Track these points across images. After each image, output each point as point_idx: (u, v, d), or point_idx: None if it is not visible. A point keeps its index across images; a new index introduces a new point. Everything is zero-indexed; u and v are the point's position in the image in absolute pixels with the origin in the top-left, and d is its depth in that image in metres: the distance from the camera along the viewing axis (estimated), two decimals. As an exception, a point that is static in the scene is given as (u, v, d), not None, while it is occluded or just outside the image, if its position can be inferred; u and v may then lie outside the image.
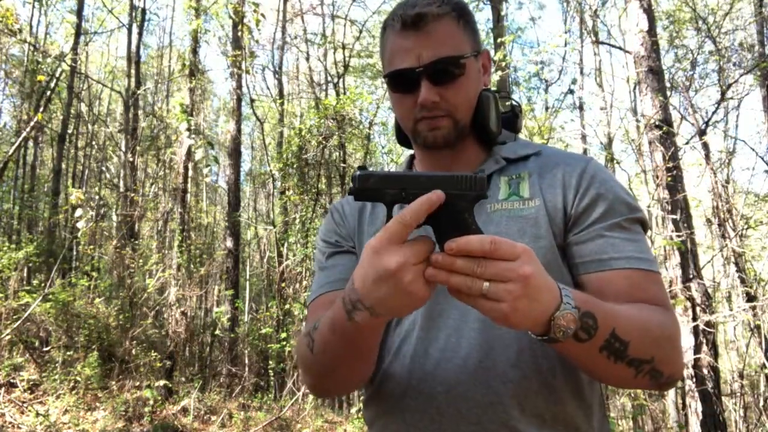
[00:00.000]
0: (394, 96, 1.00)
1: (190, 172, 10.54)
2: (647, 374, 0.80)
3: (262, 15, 7.78)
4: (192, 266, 9.10)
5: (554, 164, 0.99)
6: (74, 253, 10.84)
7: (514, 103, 1.12)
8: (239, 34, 8.62)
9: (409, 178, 0.73)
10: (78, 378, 6.11)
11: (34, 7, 12.95)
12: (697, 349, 4.84)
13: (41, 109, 9.97)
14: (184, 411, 6.59)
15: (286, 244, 9.68)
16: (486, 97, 1.02)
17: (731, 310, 7.56)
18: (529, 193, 0.96)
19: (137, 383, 6.45)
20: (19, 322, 6.09)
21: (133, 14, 11.19)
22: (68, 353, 6.53)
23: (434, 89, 0.94)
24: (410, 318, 0.96)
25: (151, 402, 6.13)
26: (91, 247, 8.43)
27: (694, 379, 4.77)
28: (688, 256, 4.96)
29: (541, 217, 0.93)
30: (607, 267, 0.88)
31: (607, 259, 0.89)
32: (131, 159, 9.76)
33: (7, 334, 6.01)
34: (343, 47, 11.53)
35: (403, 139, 1.13)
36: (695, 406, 4.77)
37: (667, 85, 5.94)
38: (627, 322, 0.78)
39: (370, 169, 0.75)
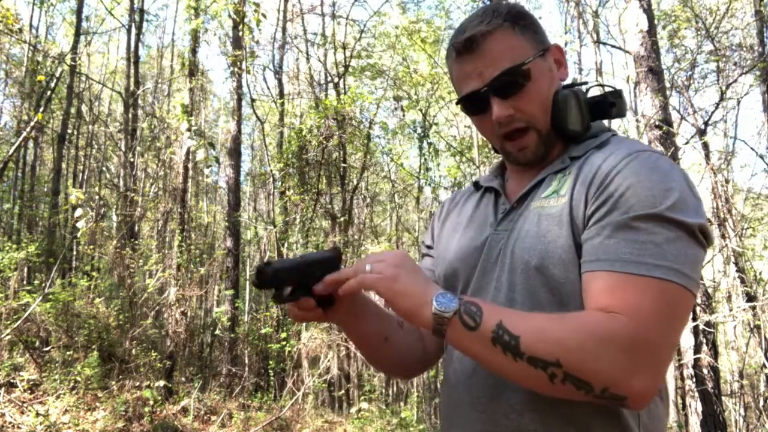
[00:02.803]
0: (473, 120, 1.03)
1: (190, 172, 10.55)
2: (565, 381, 0.76)
3: (263, 15, 7.79)
4: (192, 266, 9.10)
5: (597, 158, 0.94)
6: (74, 253, 10.85)
7: (609, 88, 1.05)
8: (240, 34, 8.62)
9: (297, 269, 0.91)
10: (78, 378, 6.10)
11: (35, 5, 12.96)
12: (697, 349, 4.85)
13: (41, 109, 9.97)
14: (184, 411, 6.59)
15: (286, 244, 9.69)
16: (562, 98, 0.98)
17: (731, 310, 7.56)
18: (565, 190, 0.93)
19: (137, 383, 6.44)
20: (19, 322, 6.09)
21: (133, 15, 11.19)
22: (68, 353, 6.52)
23: (505, 104, 0.94)
24: None
25: (151, 402, 6.12)
26: (91, 247, 8.42)
27: (694, 379, 4.78)
28: (688, 256, 4.95)
29: (564, 215, 0.90)
30: (588, 269, 0.84)
31: (592, 260, 0.84)
32: (131, 159, 9.76)
33: (7, 334, 6.01)
34: (344, 47, 11.54)
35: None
36: (695, 406, 4.78)
37: (667, 85, 5.94)
38: (520, 317, 0.80)
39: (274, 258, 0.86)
